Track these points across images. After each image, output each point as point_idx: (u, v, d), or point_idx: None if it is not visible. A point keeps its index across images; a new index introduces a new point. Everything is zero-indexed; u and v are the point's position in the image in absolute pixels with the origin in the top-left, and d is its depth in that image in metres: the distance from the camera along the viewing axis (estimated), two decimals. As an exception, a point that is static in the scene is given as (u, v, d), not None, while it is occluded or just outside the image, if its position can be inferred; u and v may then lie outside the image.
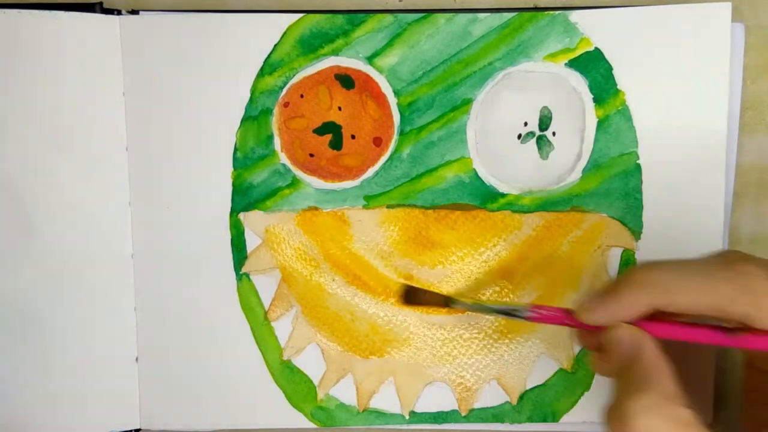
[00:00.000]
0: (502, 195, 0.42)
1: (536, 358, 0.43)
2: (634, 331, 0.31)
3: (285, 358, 0.43)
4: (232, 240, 0.42)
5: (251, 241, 0.42)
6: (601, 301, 0.32)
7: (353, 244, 0.43)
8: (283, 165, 0.42)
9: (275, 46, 0.41)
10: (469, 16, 0.41)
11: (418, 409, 0.43)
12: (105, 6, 0.42)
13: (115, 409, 0.43)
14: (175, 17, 0.41)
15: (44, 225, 0.42)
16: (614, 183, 0.41)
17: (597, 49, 0.41)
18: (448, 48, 0.41)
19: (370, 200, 0.42)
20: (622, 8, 0.41)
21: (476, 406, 0.43)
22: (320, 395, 0.43)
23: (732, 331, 0.31)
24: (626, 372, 0.30)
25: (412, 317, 0.43)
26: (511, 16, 0.41)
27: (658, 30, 0.40)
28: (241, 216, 0.42)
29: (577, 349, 0.43)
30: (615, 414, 0.29)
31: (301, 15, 0.41)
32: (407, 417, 0.43)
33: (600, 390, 0.43)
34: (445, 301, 0.39)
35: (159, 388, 0.43)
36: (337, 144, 0.42)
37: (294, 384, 0.43)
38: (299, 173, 0.42)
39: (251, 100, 0.42)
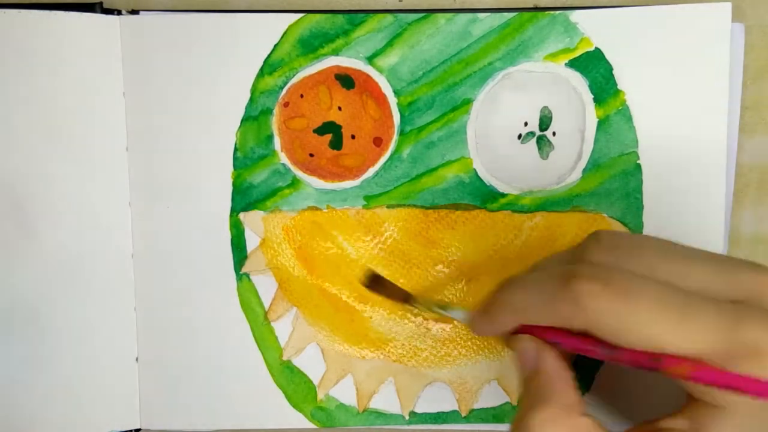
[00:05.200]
0: (502, 195, 0.42)
1: (536, 358, 0.43)
2: (533, 344, 0.31)
3: (285, 358, 0.43)
4: (232, 240, 0.42)
5: (251, 241, 0.42)
6: (481, 318, 0.33)
7: (353, 244, 0.42)
8: (283, 165, 0.42)
9: (275, 46, 0.41)
10: (469, 16, 0.41)
11: (419, 410, 0.43)
12: (105, 6, 0.42)
13: (115, 409, 0.43)
14: (175, 17, 0.41)
15: (44, 225, 0.42)
16: (614, 183, 0.41)
17: (597, 49, 0.41)
18: (448, 48, 0.41)
19: (370, 200, 0.42)
20: (623, 8, 0.41)
21: (477, 406, 0.43)
22: (320, 395, 0.43)
23: (609, 346, 0.29)
24: (529, 383, 0.31)
25: (412, 318, 0.43)
26: (511, 16, 0.41)
27: (658, 30, 0.40)
28: (241, 216, 0.42)
29: (577, 349, 0.43)
30: (518, 427, 0.29)
31: (301, 15, 0.41)
32: (407, 417, 0.43)
33: (601, 392, 0.43)
34: (404, 297, 0.39)
35: (159, 388, 0.43)
36: (337, 144, 0.42)
37: (294, 384, 0.43)
38: (299, 173, 0.42)
39: (251, 100, 0.42)
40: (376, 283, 0.40)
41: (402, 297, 0.39)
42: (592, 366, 0.43)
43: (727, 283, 0.27)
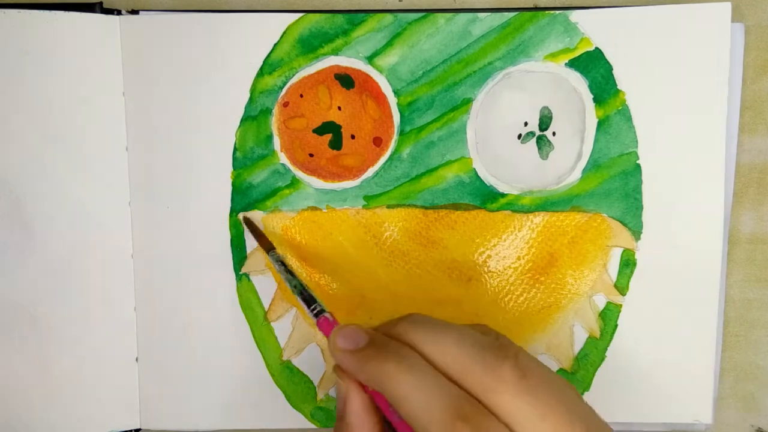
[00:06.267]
0: (502, 195, 0.42)
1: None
2: (346, 386, 0.32)
3: (285, 358, 0.43)
4: (231, 240, 0.42)
5: (251, 241, 0.42)
6: (357, 355, 0.32)
7: (353, 244, 0.42)
8: (283, 165, 0.42)
9: (275, 45, 0.41)
10: (469, 15, 0.41)
11: (418, 410, 0.43)
12: (105, 6, 0.42)
13: (115, 409, 0.43)
14: (175, 17, 0.41)
15: (44, 225, 0.42)
16: (614, 183, 0.41)
17: (597, 49, 0.41)
18: (448, 48, 0.41)
19: (370, 200, 0.42)
20: (623, 8, 0.41)
21: (476, 406, 0.43)
22: (320, 395, 0.43)
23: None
24: (339, 422, 0.32)
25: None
26: (511, 15, 0.41)
27: (658, 30, 0.40)
28: (241, 216, 0.42)
29: (577, 349, 0.43)
30: None
31: (300, 15, 0.41)
32: (407, 417, 0.43)
33: (601, 391, 0.43)
34: (268, 247, 0.40)
35: (159, 388, 0.43)
36: (336, 144, 0.42)
37: (294, 384, 0.43)
38: (299, 173, 0.42)
39: (251, 99, 0.42)
40: (249, 225, 0.42)
41: (266, 246, 0.40)
42: (591, 365, 0.43)
43: (475, 370, 0.29)
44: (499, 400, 0.28)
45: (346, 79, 0.42)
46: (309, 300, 0.36)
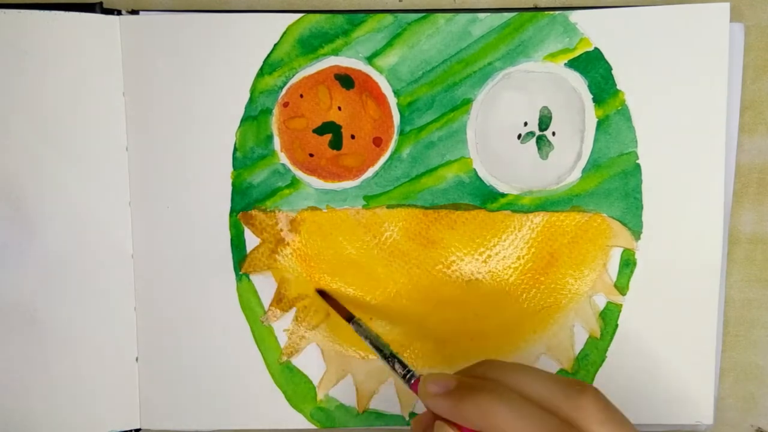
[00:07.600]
0: (502, 195, 0.42)
1: (536, 359, 0.43)
2: (439, 427, 0.32)
3: (284, 358, 0.43)
4: (231, 240, 0.42)
5: (251, 241, 0.42)
6: (448, 398, 0.32)
7: (353, 244, 0.42)
8: (283, 165, 0.42)
9: (275, 45, 0.41)
10: (469, 16, 0.41)
11: (418, 410, 0.43)
12: (105, 6, 0.42)
13: (115, 409, 0.43)
14: (175, 17, 0.41)
15: (44, 225, 0.42)
16: (614, 183, 0.41)
17: (596, 49, 0.41)
18: (448, 48, 0.41)
19: (370, 200, 0.42)
20: (622, 8, 0.41)
21: (476, 406, 0.43)
22: (320, 396, 0.43)
23: None
24: None
25: (412, 318, 0.43)
26: (511, 16, 0.41)
27: (657, 30, 0.41)
28: (241, 216, 0.42)
29: (577, 349, 0.43)
30: None
31: (300, 15, 0.41)
32: (407, 418, 0.43)
33: (601, 391, 0.43)
34: (348, 316, 0.40)
35: (159, 388, 0.43)
36: (336, 144, 0.42)
37: (294, 384, 0.43)
38: (299, 173, 0.42)
39: (251, 99, 0.42)
40: (325, 297, 0.42)
41: (345, 316, 0.41)
42: (591, 365, 0.43)
43: (560, 401, 0.31)
44: (588, 428, 0.30)
45: (346, 80, 0.42)
46: (403, 365, 0.36)
